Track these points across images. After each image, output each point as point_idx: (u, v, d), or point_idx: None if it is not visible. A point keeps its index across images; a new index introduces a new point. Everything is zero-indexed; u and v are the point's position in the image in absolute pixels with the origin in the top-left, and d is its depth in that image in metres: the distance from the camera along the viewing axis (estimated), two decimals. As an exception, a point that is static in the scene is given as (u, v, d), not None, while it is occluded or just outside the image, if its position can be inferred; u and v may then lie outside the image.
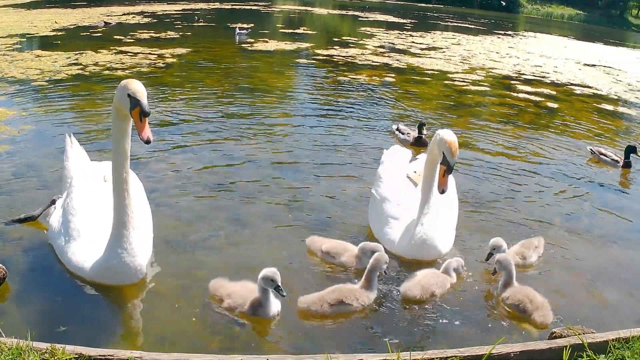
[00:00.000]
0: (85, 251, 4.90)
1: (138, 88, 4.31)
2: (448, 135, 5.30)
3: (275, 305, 4.60)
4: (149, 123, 4.39)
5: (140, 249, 4.87)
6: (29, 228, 5.70)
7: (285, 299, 4.59)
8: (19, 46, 17.37)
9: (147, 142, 4.28)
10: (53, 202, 5.71)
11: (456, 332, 4.59)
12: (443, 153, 5.27)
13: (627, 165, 9.25)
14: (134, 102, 4.28)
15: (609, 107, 14.85)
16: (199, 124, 9.91)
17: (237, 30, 22.34)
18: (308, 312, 4.66)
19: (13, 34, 19.91)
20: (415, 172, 6.43)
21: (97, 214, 5.10)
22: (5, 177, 7.02)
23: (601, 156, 9.60)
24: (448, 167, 5.27)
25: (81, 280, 4.85)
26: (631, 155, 9.27)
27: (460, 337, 4.49)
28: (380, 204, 6.05)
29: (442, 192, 5.33)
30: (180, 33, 22.36)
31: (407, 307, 4.88)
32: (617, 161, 9.38)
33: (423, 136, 9.54)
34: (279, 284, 4.48)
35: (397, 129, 10.08)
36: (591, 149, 9.83)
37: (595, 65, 24.07)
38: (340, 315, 4.68)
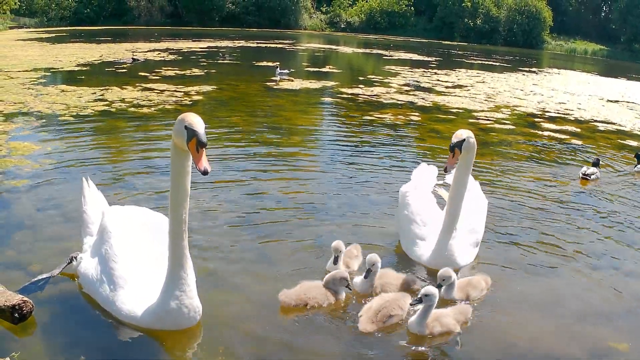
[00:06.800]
0: (136, 298, 4.78)
1: (195, 120, 4.28)
2: (464, 132, 5.82)
3: None
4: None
5: (195, 291, 4.80)
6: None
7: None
8: (44, 80, 17.74)
9: (205, 173, 4.12)
10: (72, 259, 5.49)
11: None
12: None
13: None
14: (190, 133, 4.22)
15: (633, 143, 14.68)
16: (224, 161, 9.91)
17: (278, 70, 22.72)
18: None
19: (38, 68, 20.37)
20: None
21: (140, 260, 5.02)
22: (28, 211, 7.08)
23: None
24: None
25: (134, 328, 4.71)
26: None
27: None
28: (409, 223, 6.60)
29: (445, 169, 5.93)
30: (205, 70, 22.67)
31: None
32: None
33: None
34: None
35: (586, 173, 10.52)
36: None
37: (618, 101, 23.96)
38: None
